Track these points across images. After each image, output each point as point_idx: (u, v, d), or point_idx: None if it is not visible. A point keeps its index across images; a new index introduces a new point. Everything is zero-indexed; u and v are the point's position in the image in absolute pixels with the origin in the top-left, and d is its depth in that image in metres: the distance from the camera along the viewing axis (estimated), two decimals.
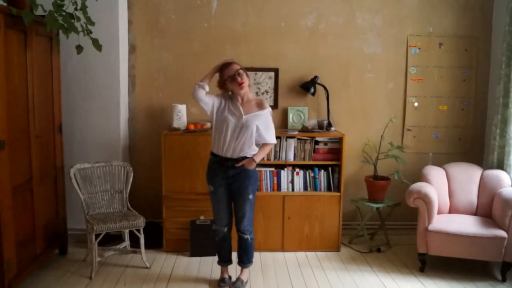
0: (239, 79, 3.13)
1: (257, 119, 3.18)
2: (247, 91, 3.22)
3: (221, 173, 3.24)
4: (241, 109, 3.17)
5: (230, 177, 3.23)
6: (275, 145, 4.00)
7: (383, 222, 4.28)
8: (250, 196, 3.25)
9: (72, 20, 3.21)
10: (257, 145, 3.23)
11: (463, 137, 4.54)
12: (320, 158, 4.09)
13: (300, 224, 4.06)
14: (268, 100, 4.37)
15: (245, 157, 3.19)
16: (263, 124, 3.20)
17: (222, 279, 3.41)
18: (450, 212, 3.93)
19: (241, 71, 3.14)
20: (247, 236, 3.31)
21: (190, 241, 3.91)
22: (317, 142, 4.07)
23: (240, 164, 3.18)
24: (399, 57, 4.44)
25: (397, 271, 3.71)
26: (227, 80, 3.16)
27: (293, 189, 4.08)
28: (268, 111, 3.24)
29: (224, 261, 3.45)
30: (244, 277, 3.40)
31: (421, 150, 4.54)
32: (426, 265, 3.69)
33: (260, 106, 3.23)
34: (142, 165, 4.34)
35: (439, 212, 3.84)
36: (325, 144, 4.09)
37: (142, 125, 4.38)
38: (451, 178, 3.99)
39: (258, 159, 3.22)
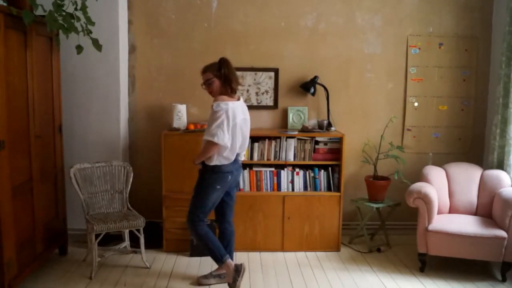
0: (206, 88, 3.27)
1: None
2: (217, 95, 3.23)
3: None
4: None
5: None
6: (275, 145, 4.01)
7: (383, 222, 4.28)
8: (193, 193, 3.31)
9: (72, 20, 3.20)
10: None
11: (463, 137, 4.54)
12: (320, 158, 4.09)
13: (300, 224, 4.06)
14: (268, 100, 4.37)
15: None
16: (208, 122, 3.16)
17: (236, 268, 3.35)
18: (450, 212, 3.93)
19: (208, 82, 3.22)
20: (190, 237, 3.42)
21: (190, 241, 3.91)
22: (317, 142, 4.07)
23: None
24: (399, 57, 4.44)
25: (397, 271, 3.72)
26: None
27: (293, 189, 4.08)
28: (213, 105, 3.14)
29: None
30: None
31: (421, 150, 4.54)
32: (426, 265, 3.69)
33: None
34: (142, 165, 4.34)
35: (439, 212, 3.84)
36: (325, 144, 4.09)
37: (142, 125, 4.38)
38: (451, 178, 3.99)
39: (196, 160, 3.24)
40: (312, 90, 4.28)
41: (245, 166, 4.00)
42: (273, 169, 4.06)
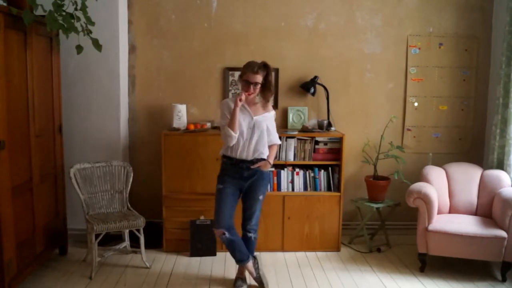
0: (251, 89, 3.13)
1: (266, 119, 3.25)
2: (253, 97, 3.23)
3: (235, 174, 3.24)
4: (250, 110, 3.21)
5: (244, 178, 3.26)
6: None
7: (383, 222, 4.28)
8: (261, 197, 3.31)
9: (72, 20, 3.21)
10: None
11: (463, 137, 4.54)
12: (320, 158, 4.09)
13: (300, 224, 4.06)
14: None
15: (260, 159, 3.25)
16: (271, 125, 3.29)
17: (237, 279, 3.41)
18: (450, 212, 3.93)
19: (258, 85, 3.15)
20: (251, 235, 3.34)
21: (190, 241, 3.91)
22: (317, 142, 4.07)
23: (256, 166, 3.24)
24: (399, 57, 4.44)
25: (397, 271, 3.72)
26: (243, 79, 3.17)
27: (293, 189, 4.08)
28: (273, 113, 3.35)
29: (243, 260, 3.33)
30: (243, 275, 3.43)
31: (421, 150, 4.54)
32: (426, 265, 3.69)
33: (266, 108, 3.30)
34: (142, 165, 4.34)
35: (439, 212, 3.84)
36: (325, 144, 4.09)
37: (142, 125, 4.38)
38: (451, 178, 3.99)
39: (272, 161, 3.33)
40: (312, 90, 4.28)
41: None
42: (273, 169, 4.06)
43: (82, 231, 3.99)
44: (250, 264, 3.34)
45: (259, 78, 3.13)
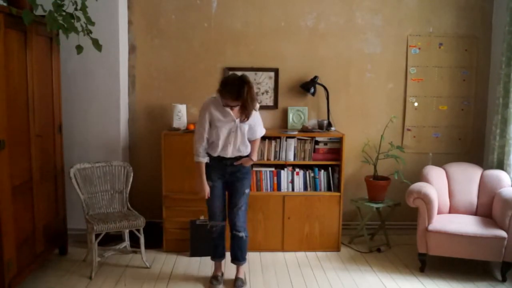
0: (231, 109, 3.16)
1: (249, 120, 3.23)
2: None
3: (219, 169, 3.31)
4: (232, 113, 3.19)
5: (228, 174, 3.31)
6: (275, 145, 4.02)
7: (383, 222, 4.28)
8: (247, 191, 3.36)
9: (72, 20, 3.21)
10: (249, 141, 3.34)
11: (463, 137, 4.54)
12: (320, 158, 4.09)
13: (300, 224, 4.06)
14: (268, 100, 4.37)
15: (242, 156, 3.30)
16: (253, 122, 3.27)
17: (215, 276, 3.45)
18: (450, 212, 3.93)
19: (236, 107, 3.13)
20: (243, 234, 3.35)
21: (190, 241, 3.91)
22: (317, 142, 4.07)
23: (239, 162, 3.29)
24: (399, 57, 4.44)
25: (397, 271, 3.72)
26: (223, 104, 3.13)
27: (293, 189, 4.08)
28: (256, 107, 3.27)
29: (221, 257, 3.49)
30: (242, 276, 3.44)
31: (421, 150, 4.54)
32: (426, 265, 3.69)
33: None
34: (142, 165, 4.34)
35: (439, 212, 3.84)
36: (325, 144, 4.09)
37: (142, 125, 4.38)
38: (451, 178, 3.99)
39: (255, 158, 3.36)
40: (312, 90, 4.28)
41: None
42: (273, 169, 4.06)
43: (82, 231, 3.99)
44: (223, 262, 3.51)
45: (238, 102, 3.09)
